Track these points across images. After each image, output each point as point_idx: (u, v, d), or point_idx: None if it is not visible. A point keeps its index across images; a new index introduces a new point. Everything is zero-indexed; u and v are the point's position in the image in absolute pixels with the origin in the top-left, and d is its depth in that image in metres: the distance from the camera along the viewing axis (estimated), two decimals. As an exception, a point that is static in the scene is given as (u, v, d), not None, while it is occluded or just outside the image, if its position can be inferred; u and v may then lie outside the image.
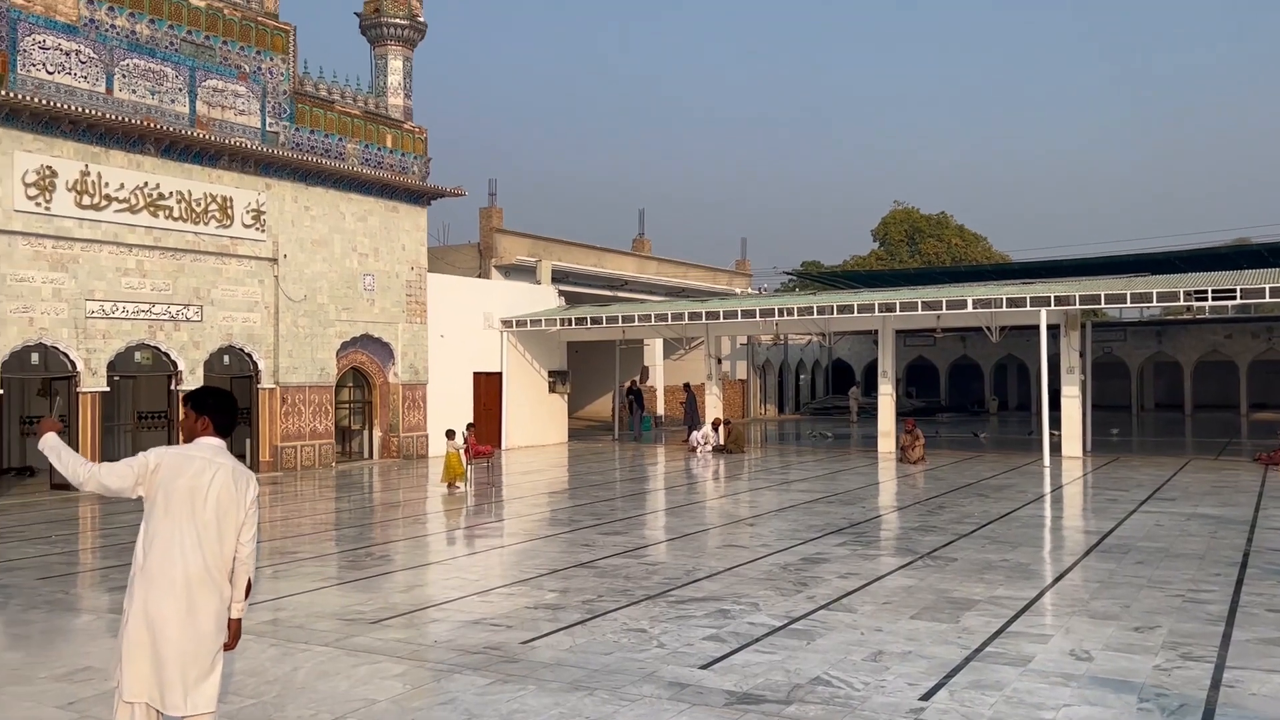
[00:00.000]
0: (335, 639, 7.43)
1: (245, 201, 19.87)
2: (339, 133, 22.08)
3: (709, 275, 41.65)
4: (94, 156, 17.39)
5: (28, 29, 16.57)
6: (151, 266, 18.34)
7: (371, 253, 22.74)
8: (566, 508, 15.65)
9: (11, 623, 8.25)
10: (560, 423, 28.61)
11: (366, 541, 12.74)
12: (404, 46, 23.97)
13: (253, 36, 20.15)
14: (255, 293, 20.22)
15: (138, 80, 18.14)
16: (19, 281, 16.44)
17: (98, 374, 17.49)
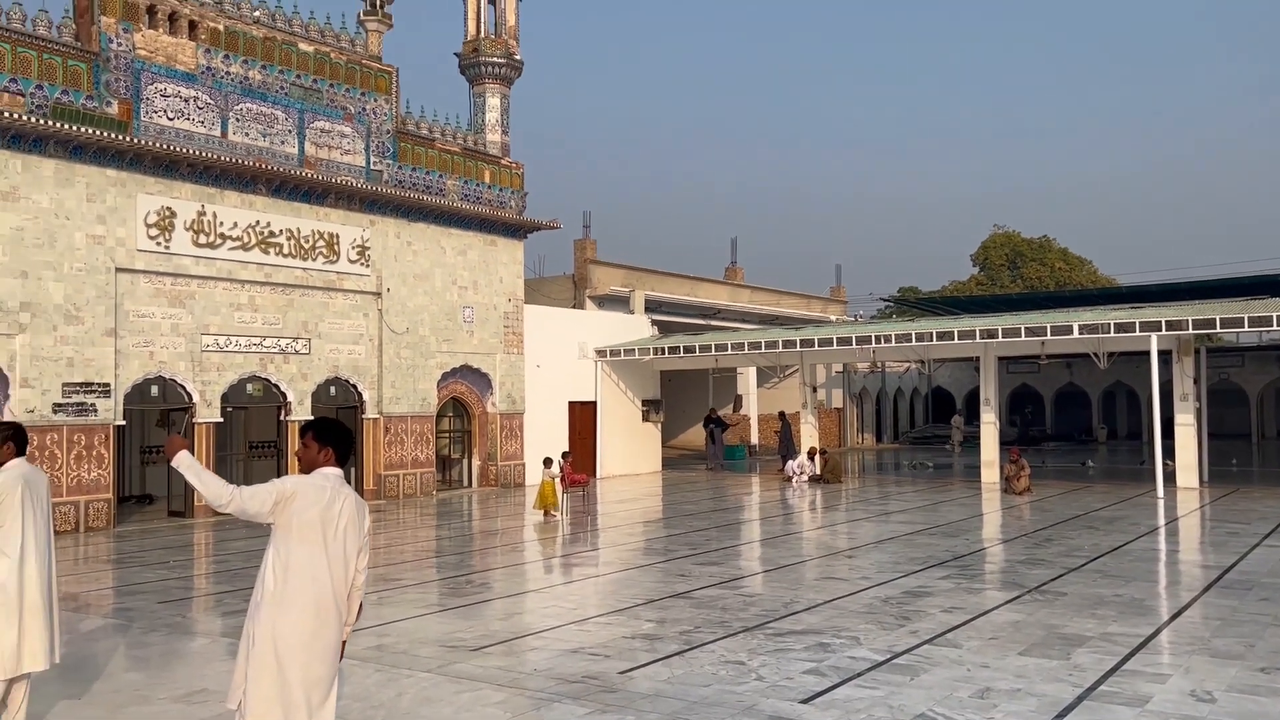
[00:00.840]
0: (437, 665, 7.55)
1: (351, 238, 20.52)
2: (439, 169, 22.65)
3: (803, 302, 41.36)
4: (210, 197, 18.19)
5: (150, 78, 17.49)
6: (262, 301, 19.05)
7: (471, 285, 23.21)
8: (662, 537, 15.64)
9: (133, 645, 8.57)
10: (654, 451, 28.65)
11: (466, 569, 12.93)
12: (501, 84, 24.53)
13: (358, 79, 20.88)
14: (360, 326, 20.82)
15: (250, 124, 18.94)
16: (140, 317, 17.25)
17: (212, 405, 18.20)
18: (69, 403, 16.16)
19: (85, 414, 16.36)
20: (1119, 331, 20.29)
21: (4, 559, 5.86)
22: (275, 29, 19.46)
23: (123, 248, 16.96)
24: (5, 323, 15.50)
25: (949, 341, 23.08)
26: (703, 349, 26.10)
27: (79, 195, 16.43)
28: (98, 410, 16.52)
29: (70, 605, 9.94)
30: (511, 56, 24.55)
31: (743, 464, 31.23)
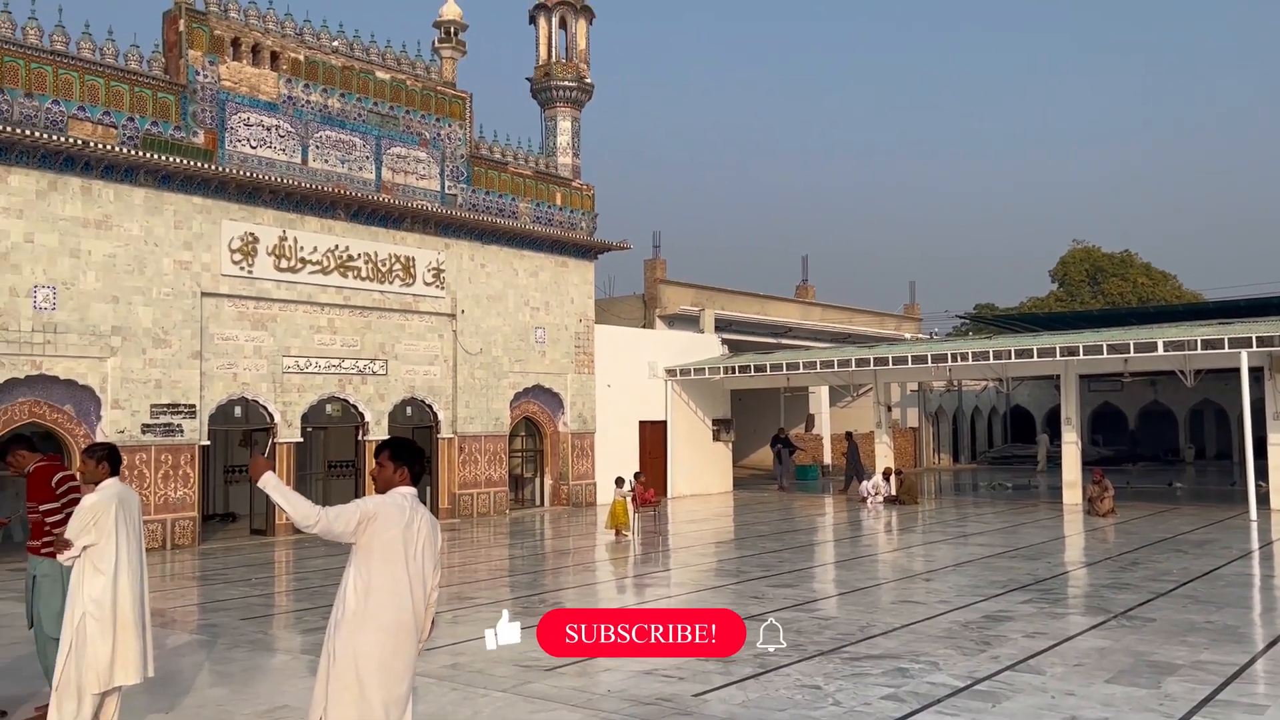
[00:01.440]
0: (512, 685, 7.59)
1: (426, 261, 20.89)
2: (512, 193, 22.96)
3: (875, 320, 40.92)
4: (290, 223, 18.69)
5: (234, 108, 18.07)
6: (341, 324, 19.47)
7: (542, 306, 23.45)
8: (734, 558, 15.56)
9: (217, 660, 8.77)
10: (725, 471, 28.53)
11: (539, 588, 13.00)
12: (572, 108, 24.81)
13: (433, 105, 21.30)
14: (435, 347, 21.15)
15: (329, 150, 19.44)
16: (225, 340, 17.76)
17: (293, 426, 18.63)
18: (157, 423, 16.69)
19: (172, 434, 16.88)
20: (1207, 348, 19.69)
21: (99, 576, 6.07)
22: (354, 58, 19.96)
23: (208, 273, 17.50)
24: (98, 346, 16.09)
25: (1028, 359, 22.62)
26: (773, 368, 25.96)
27: (167, 222, 17.02)
28: (184, 431, 17.03)
29: (158, 621, 10.19)
30: (582, 80, 24.82)
31: (815, 484, 30.93)
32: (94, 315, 16.06)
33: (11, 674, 7.48)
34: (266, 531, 18.51)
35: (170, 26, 17.67)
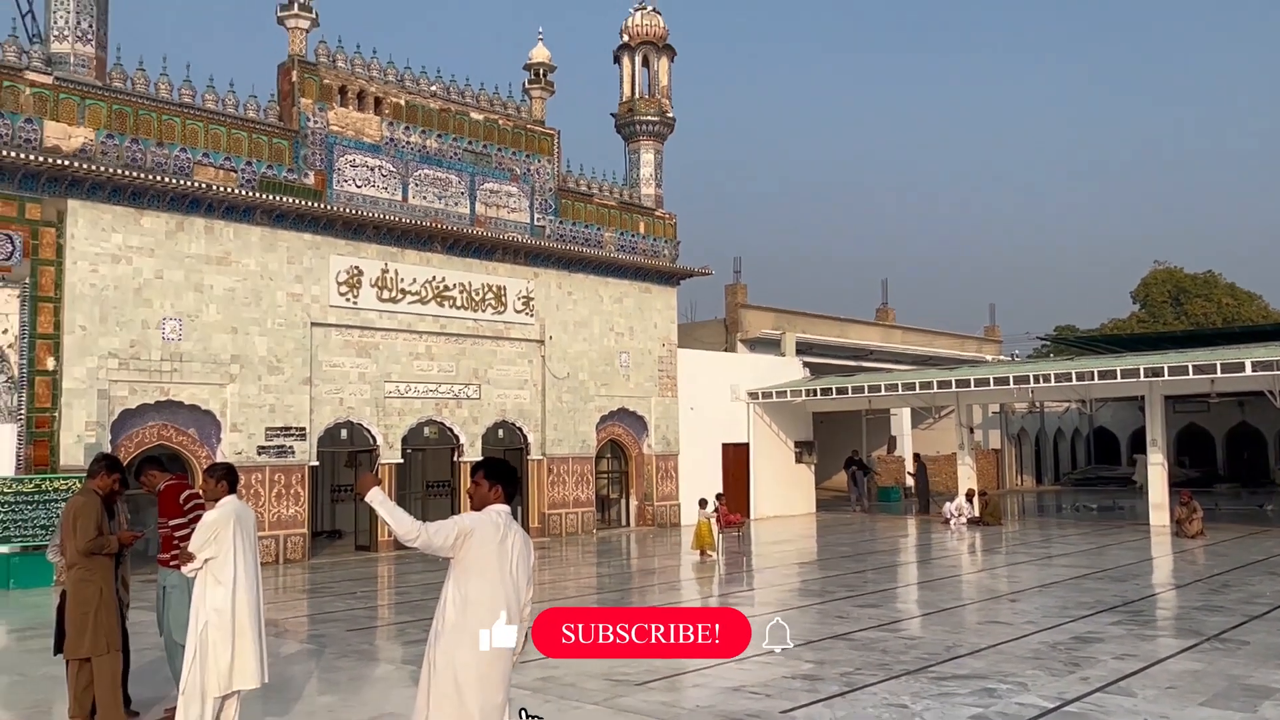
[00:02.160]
0: (603, 698, 7.60)
1: (516, 289, 21.21)
2: (597, 223, 23.20)
3: (956, 342, 40.14)
4: (392, 256, 19.18)
5: (342, 150, 18.65)
6: (438, 351, 19.87)
7: (627, 331, 23.58)
8: (818, 578, 15.36)
9: (325, 669, 8.96)
10: (807, 493, 28.19)
11: (627, 605, 13.00)
12: (655, 141, 25.00)
13: (523, 142, 21.68)
14: (525, 372, 21.43)
15: (428, 187, 19.91)
16: (332, 367, 18.27)
17: (394, 447, 19.03)
18: (271, 445, 17.21)
19: (284, 456, 17.38)
20: (1297, 369, 18.85)
21: (220, 587, 6.28)
22: (450, 100, 20.46)
23: (317, 304, 18.04)
24: (218, 374, 16.70)
25: (1111, 381, 21.96)
26: (855, 390, 25.64)
27: (281, 258, 17.62)
28: (295, 452, 17.53)
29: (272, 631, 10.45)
30: (664, 114, 25.02)
31: (897, 506, 30.36)
32: (215, 345, 16.68)
33: (144, 677, 7.75)
34: (370, 547, 18.90)
35: (284, 77, 18.36)
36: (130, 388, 15.76)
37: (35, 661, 9.26)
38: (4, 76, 14.98)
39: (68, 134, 15.45)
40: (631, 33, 25.07)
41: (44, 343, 14.98)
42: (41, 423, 14.94)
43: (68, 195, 15.31)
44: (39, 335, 14.94)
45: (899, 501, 31.24)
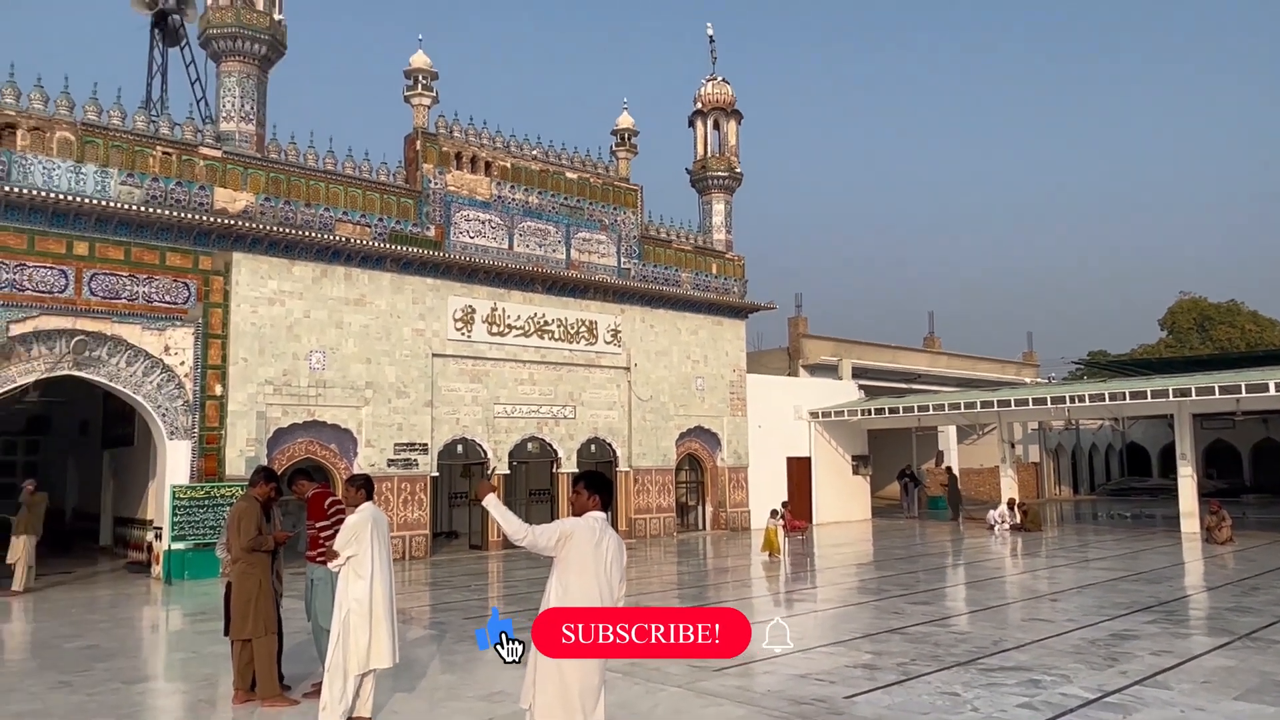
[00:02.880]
0: (685, 681, 7.54)
1: (606, 323, 21.36)
2: (675, 265, 23.26)
3: (997, 367, 39.02)
4: (500, 296, 19.50)
5: (457, 207, 19.09)
6: (539, 377, 20.09)
7: (701, 359, 23.52)
8: (874, 578, 15.01)
9: (445, 652, 9.07)
10: (863, 501, 27.63)
11: (704, 600, 12.88)
12: (725, 193, 25.01)
13: (611, 196, 21.89)
14: (614, 395, 21.52)
15: (530, 237, 20.23)
16: (450, 391, 18.61)
17: (502, 460, 19.26)
18: (398, 459, 17.57)
19: (409, 468, 17.73)
20: (1319, 389, 17.84)
21: (359, 581, 6.42)
22: (548, 162, 20.79)
23: (437, 338, 18.42)
24: (355, 398, 17.15)
25: (1142, 400, 21.09)
26: (905, 410, 25.11)
27: (407, 299, 18.06)
28: (419, 464, 17.87)
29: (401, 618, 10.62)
30: (733, 170, 25.01)
31: (945, 514, 29.51)
32: (352, 373, 17.15)
33: (295, 657, 7.93)
34: (482, 547, 19.12)
35: (409, 146, 18.90)
36: (283, 410, 16.27)
37: (205, 641, 9.54)
38: (183, 151, 15.73)
39: (233, 198, 16.12)
40: (704, 100, 25.19)
41: (213, 372, 15.56)
42: (211, 439, 15.50)
43: (233, 249, 15.94)
44: (209, 366, 15.53)
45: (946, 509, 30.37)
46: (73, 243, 14.34)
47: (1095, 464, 41.88)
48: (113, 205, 14.48)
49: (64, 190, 14.26)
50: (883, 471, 33.17)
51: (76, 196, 14.23)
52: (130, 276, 14.84)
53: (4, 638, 10.69)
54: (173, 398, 15.19)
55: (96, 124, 14.86)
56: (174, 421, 15.19)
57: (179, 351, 15.25)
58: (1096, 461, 41.96)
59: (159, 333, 15.07)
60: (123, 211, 14.58)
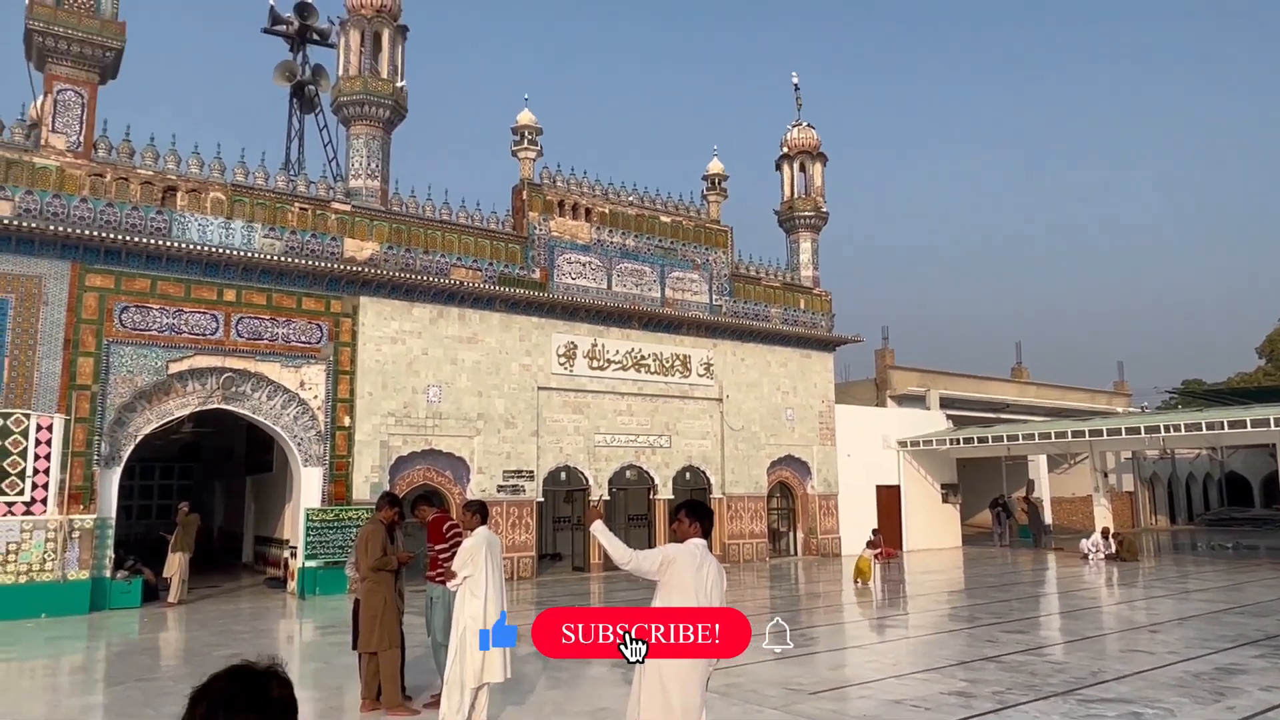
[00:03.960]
0: (782, 704, 7.38)
1: (699, 357, 21.35)
2: (764, 301, 23.10)
3: (1087, 396, 37.18)
4: (599, 333, 19.74)
5: (560, 251, 19.48)
6: (636, 408, 20.18)
7: (791, 390, 23.22)
8: (966, 605, 14.38)
9: (552, 668, 9.00)
10: (954, 529, 26.62)
11: (796, 624, 12.58)
12: (811, 232, 24.79)
13: (702, 238, 21.97)
14: (707, 425, 21.43)
15: (627, 278, 20.45)
16: (554, 422, 18.88)
17: (602, 487, 19.37)
18: (507, 484, 17.87)
19: (517, 493, 18.01)
20: None
21: (475, 599, 6.54)
22: (643, 207, 21.03)
23: (542, 372, 18.75)
24: (468, 428, 17.58)
25: (1241, 430, 19.75)
26: (994, 439, 24.17)
27: (515, 337, 18.47)
28: (525, 490, 18.13)
29: (510, 635, 10.79)
30: (819, 210, 24.79)
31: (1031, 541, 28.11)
32: (465, 406, 17.60)
33: (415, 669, 8.08)
34: (585, 569, 19.19)
35: (516, 196, 19.43)
36: (403, 439, 16.79)
37: (334, 653, 9.79)
38: (317, 207, 16.58)
39: (361, 247, 16.86)
40: (790, 145, 25.12)
41: (342, 405, 16.20)
42: (340, 466, 16.09)
43: (360, 293, 16.65)
44: (339, 399, 16.18)
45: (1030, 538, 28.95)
46: (223, 290, 15.24)
47: (1193, 493, 39.30)
48: (257, 256, 15.36)
49: (216, 244, 15.21)
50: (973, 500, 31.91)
51: (226, 249, 15.15)
52: (271, 319, 15.65)
53: (161, 645, 11.30)
54: (307, 428, 15.87)
55: (244, 184, 15.83)
56: (308, 450, 15.86)
57: (312, 386, 15.93)
58: (1194, 491, 39.38)
59: (295, 370, 15.81)
60: (265, 262, 15.44)
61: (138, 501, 22.88)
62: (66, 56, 14.25)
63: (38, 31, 14.03)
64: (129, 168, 14.79)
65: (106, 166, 14.56)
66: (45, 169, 14.03)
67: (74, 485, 13.55)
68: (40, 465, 13.33)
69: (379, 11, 17.90)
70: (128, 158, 14.86)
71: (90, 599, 13.45)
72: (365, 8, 17.85)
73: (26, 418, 13.29)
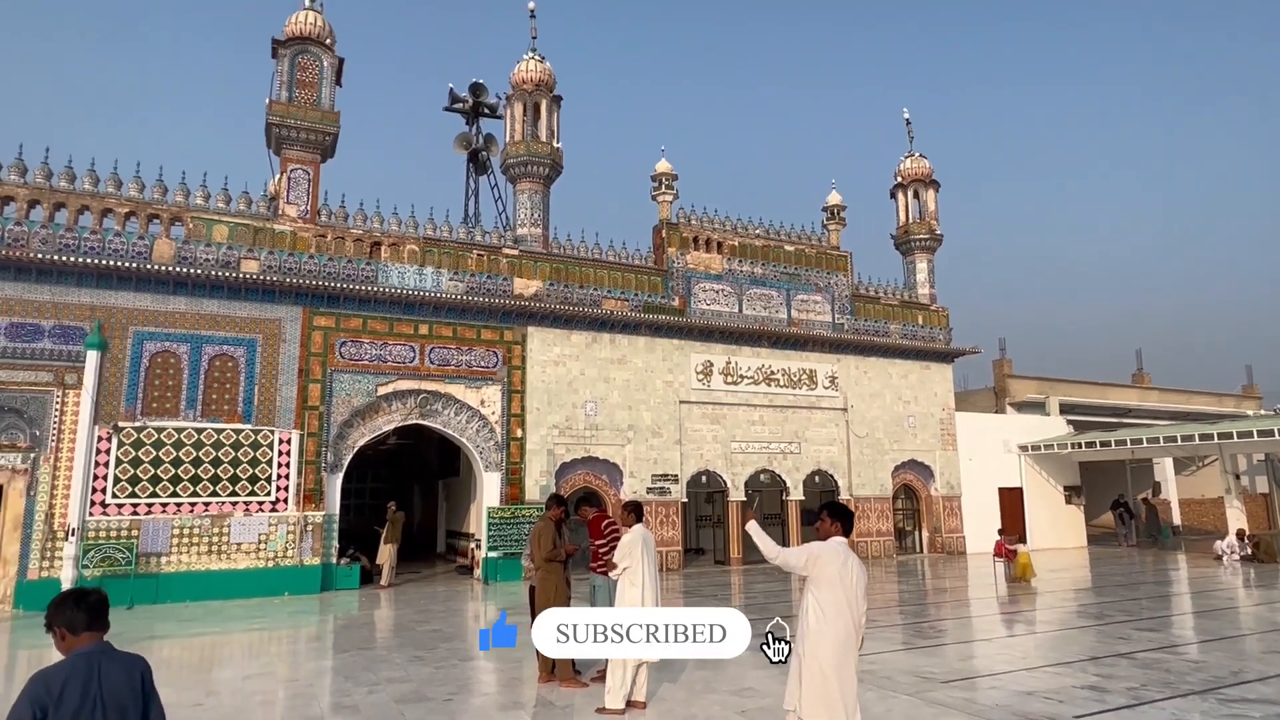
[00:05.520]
0: (915, 691, 7.07)
1: (824, 371, 20.86)
2: (884, 318, 22.33)
3: (1214, 399, 33.49)
4: (733, 352, 19.67)
5: (696, 281, 19.60)
6: (767, 419, 19.93)
7: (912, 399, 22.26)
8: (1095, 603, 13.22)
9: (701, 651, 9.11)
10: (1078, 529, 24.58)
11: (925, 617, 12.01)
12: (927, 253, 23.78)
13: (824, 263, 21.53)
14: (832, 433, 20.87)
15: (756, 302, 20.31)
16: (694, 431, 18.92)
17: (739, 489, 19.21)
18: (655, 487, 18.05)
19: (664, 494, 18.15)
20: None
21: (633, 588, 6.66)
22: (769, 239, 20.86)
23: (683, 388, 18.86)
24: (620, 437, 17.90)
25: (1390, 431, 17.21)
26: (1118, 443, 22.20)
27: (658, 357, 18.70)
28: (671, 492, 18.25)
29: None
30: (933, 233, 23.76)
31: (1166, 543, 25.54)
32: (617, 418, 17.95)
33: (582, 647, 8.28)
34: (725, 562, 19.07)
35: (656, 234, 19.73)
36: (565, 448, 17.31)
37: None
38: (490, 253, 17.45)
39: (527, 285, 17.60)
40: (903, 175, 24.26)
41: (514, 419, 16.90)
42: (514, 471, 16.77)
43: (527, 324, 17.35)
44: (512, 414, 16.89)
45: (1168, 539, 26.28)
46: (418, 325, 16.30)
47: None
48: (444, 296, 16.33)
49: (412, 287, 16.30)
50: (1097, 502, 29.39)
51: (420, 291, 16.21)
52: (456, 349, 16.58)
53: (375, 620, 12.10)
54: (486, 439, 16.66)
55: (433, 237, 16.90)
56: (488, 457, 16.63)
57: (490, 404, 16.73)
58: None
59: (476, 390, 16.65)
60: (451, 300, 16.39)
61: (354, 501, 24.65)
62: (296, 142, 15.76)
63: (275, 124, 15.60)
64: (345, 229, 16.12)
65: (328, 229, 15.94)
66: (282, 233, 15.52)
67: (307, 487, 14.80)
68: (282, 471, 14.67)
69: (538, 86, 18.74)
70: (343, 220, 16.20)
71: (320, 581, 14.61)
72: (526, 83, 18.73)
73: (272, 433, 14.67)
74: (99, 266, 13.66)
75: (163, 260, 14.34)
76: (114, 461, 13.56)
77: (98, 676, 2.85)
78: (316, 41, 16.14)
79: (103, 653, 2.94)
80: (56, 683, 2.80)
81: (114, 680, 2.88)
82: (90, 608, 2.98)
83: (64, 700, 2.77)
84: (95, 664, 2.88)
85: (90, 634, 2.96)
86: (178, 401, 14.15)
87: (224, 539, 14.05)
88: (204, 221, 14.90)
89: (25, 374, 13.26)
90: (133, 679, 2.93)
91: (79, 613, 2.95)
